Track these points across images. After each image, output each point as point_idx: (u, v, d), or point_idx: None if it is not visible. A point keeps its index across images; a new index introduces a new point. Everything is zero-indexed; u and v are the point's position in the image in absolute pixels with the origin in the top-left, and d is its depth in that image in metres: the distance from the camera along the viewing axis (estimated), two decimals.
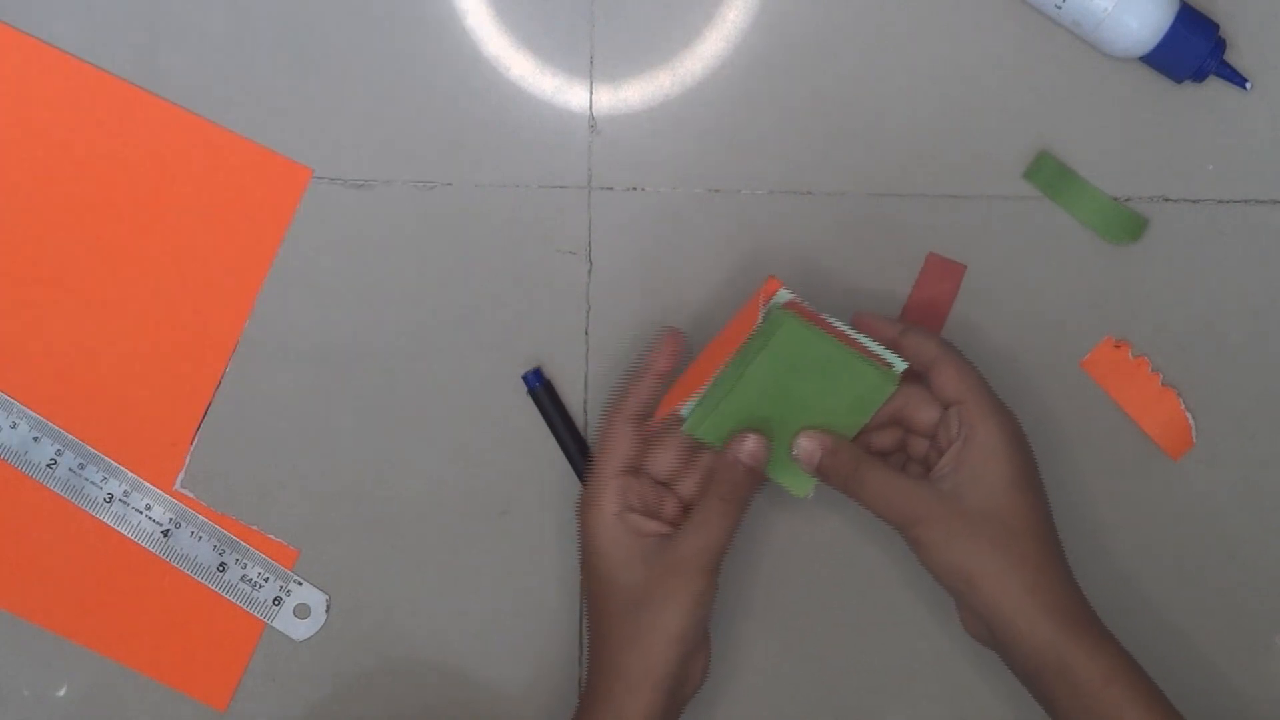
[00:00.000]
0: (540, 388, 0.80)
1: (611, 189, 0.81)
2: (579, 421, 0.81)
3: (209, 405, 0.80)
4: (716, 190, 0.81)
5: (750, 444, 0.72)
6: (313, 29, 0.80)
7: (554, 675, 0.82)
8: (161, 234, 0.80)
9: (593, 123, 0.80)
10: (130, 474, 0.80)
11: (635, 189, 0.81)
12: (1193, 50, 0.77)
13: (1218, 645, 0.82)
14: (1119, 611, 0.82)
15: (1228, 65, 0.78)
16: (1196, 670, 0.82)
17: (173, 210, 0.80)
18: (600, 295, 0.81)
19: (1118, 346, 0.81)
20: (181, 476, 0.80)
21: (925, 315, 0.80)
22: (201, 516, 0.80)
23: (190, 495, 0.80)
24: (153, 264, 0.80)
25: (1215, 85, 0.80)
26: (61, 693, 0.81)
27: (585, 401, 0.81)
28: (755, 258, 0.81)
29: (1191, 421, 0.81)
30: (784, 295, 0.72)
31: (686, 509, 0.76)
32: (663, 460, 0.76)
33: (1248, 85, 0.79)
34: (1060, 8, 0.77)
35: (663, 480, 0.76)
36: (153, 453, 0.80)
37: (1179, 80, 0.79)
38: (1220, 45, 0.77)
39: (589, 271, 0.81)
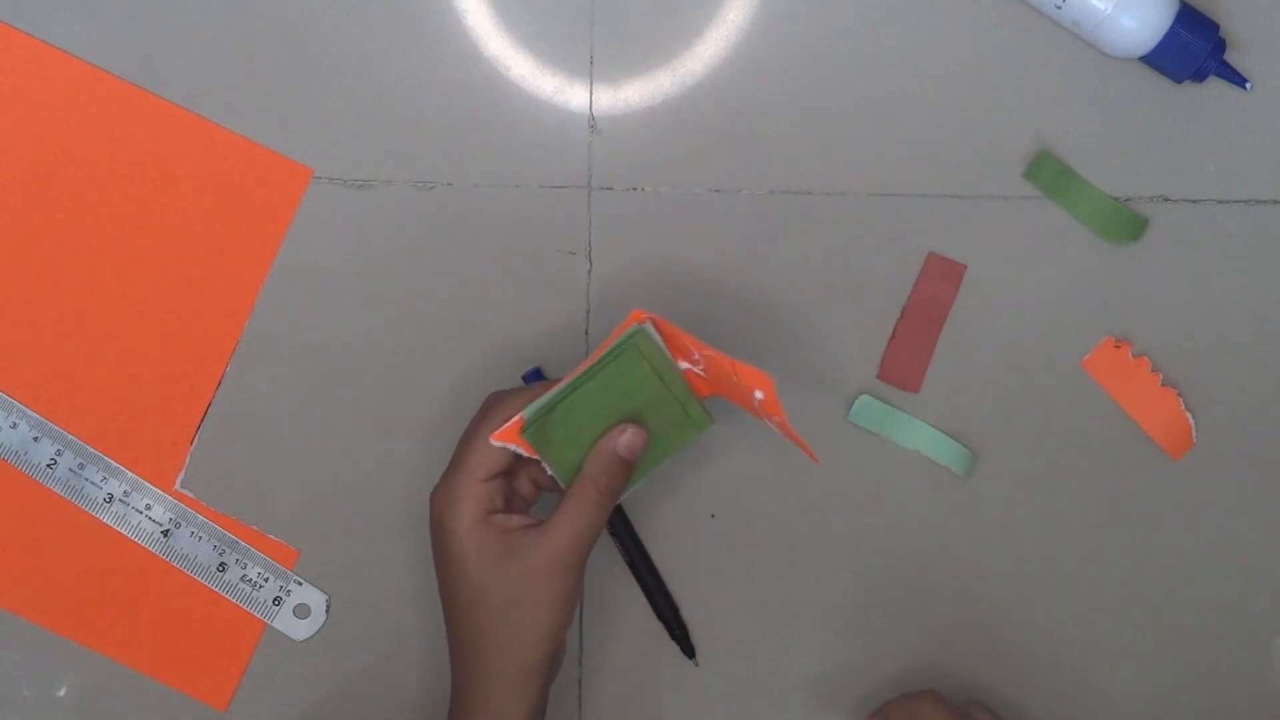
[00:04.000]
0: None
1: (611, 189, 0.81)
2: None
3: (209, 405, 0.80)
4: (716, 190, 0.81)
5: (629, 435, 0.72)
6: (313, 29, 0.80)
7: None
8: (162, 234, 0.80)
9: (593, 123, 0.80)
10: (130, 474, 0.80)
11: (635, 189, 0.81)
12: (1193, 50, 0.77)
13: (1218, 645, 0.82)
14: (1119, 611, 0.82)
15: (1228, 65, 0.78)
16: (1196, 670, 0.82)
17: (173, 210, 0.80)
18: (600, 295, 0.81)
19: (1118, 346, 0.81)
20: (182, 476, 0.80)
21: (925, 315, 0.80)
22: (201, 516, 0.80)
23: (190, 495, 0.80)
24: (153, 264, 0.80)
25: (1215, 85, 0.80)
26: (61, 693, 0.81)
27: None
28: (755, 258, 0.81)
29: (1191, 421, 0.81)
30: (647, 327, 0.72)
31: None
32: (528, 472, 0.74)
33: (1248, 85, 0.79)
34: (1060, 8, 0.77)
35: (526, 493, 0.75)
36: (153, 453, 0.80)
37: (1179, 80, 0.79)
38: (1220, 45, 0.77)
39: (589, 271, 0.81)
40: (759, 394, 0.70)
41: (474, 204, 0.80)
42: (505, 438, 0.71)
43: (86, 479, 0.80)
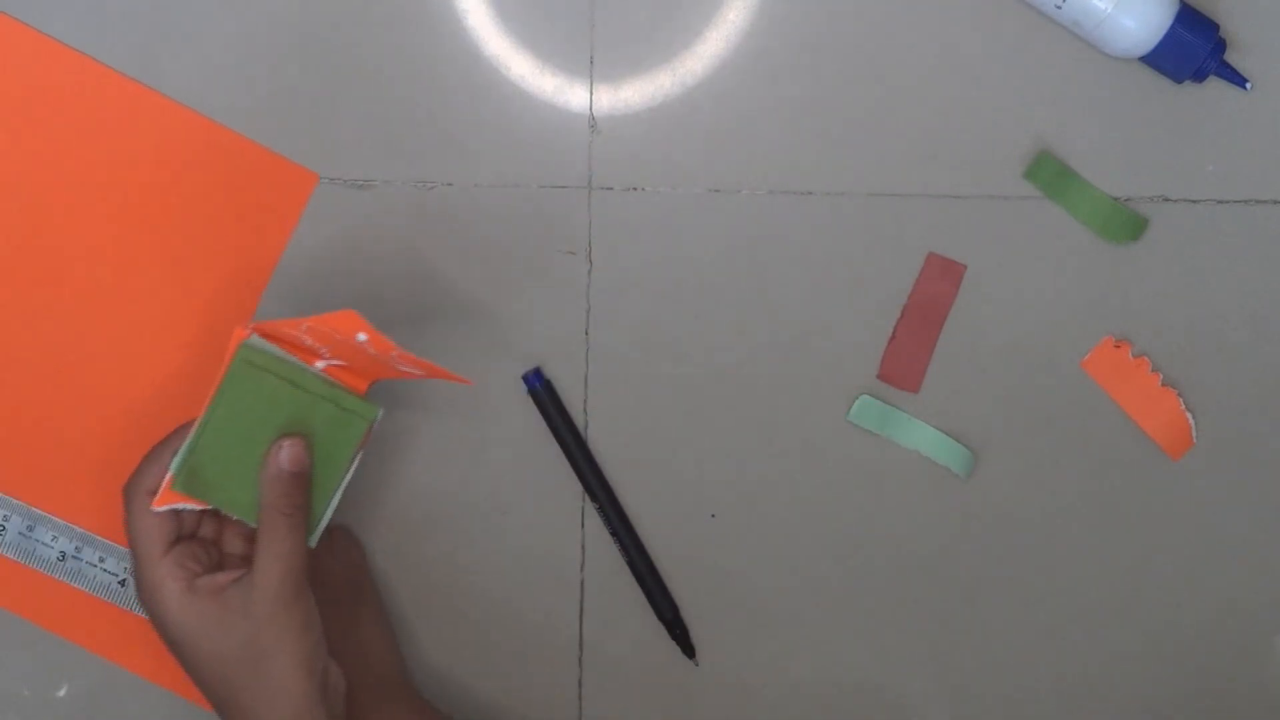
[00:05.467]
0: (540, 388, 0.80)
1: (611, 189, 0.81)
2: (579, 421, 0.81)
3: None
4: (716, 190, 0.81)
5: (286, 449, 0.70)
6: (314, 29, 0.80)
7: (553, 675, 0.82)
8: (165, 235, 0.80)
9: (593, 123, 0.80)
10: (78, 529, 0.79)
11: (635, 189, 0.81)
12: (1193, 50, 0.77)
13: (1218, 645, 0.82)
14: (1119, 611, 0.82)
15: (1228, 65, 0.78)
16: (1197, 670, 0.82)
17: (176, 211, 0.79)
18: (600, 295, 0.81)
19: (1118, 346, 0.81)
20: None
21: (925, 315, 0.80)
22: None
23: None
24: (154, 264, 0.80)
25: (1215, 85, 0.80)
26: (61, 693, 0.81)
27: (585, 401, 0.81)
28: (755, 258, 0.81)
29: (1191, 421, 0.81)
30: (252, 340, 0.70)
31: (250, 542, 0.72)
32: (205, 523, 0.73)
33: (1248, 85, 0.79)
34: (1060, 8, 0.77)
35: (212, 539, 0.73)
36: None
37: (1179, 80, 0.79)
38: (1220, 45, 0.77)
39: (589, 271, 0.81)
40: (361, 335, 0.67)
41: (474, 204, 0.80)
42: (166, 500, 0.70)
43: (37, 540, 0.79)
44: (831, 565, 0.82)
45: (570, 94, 0.80)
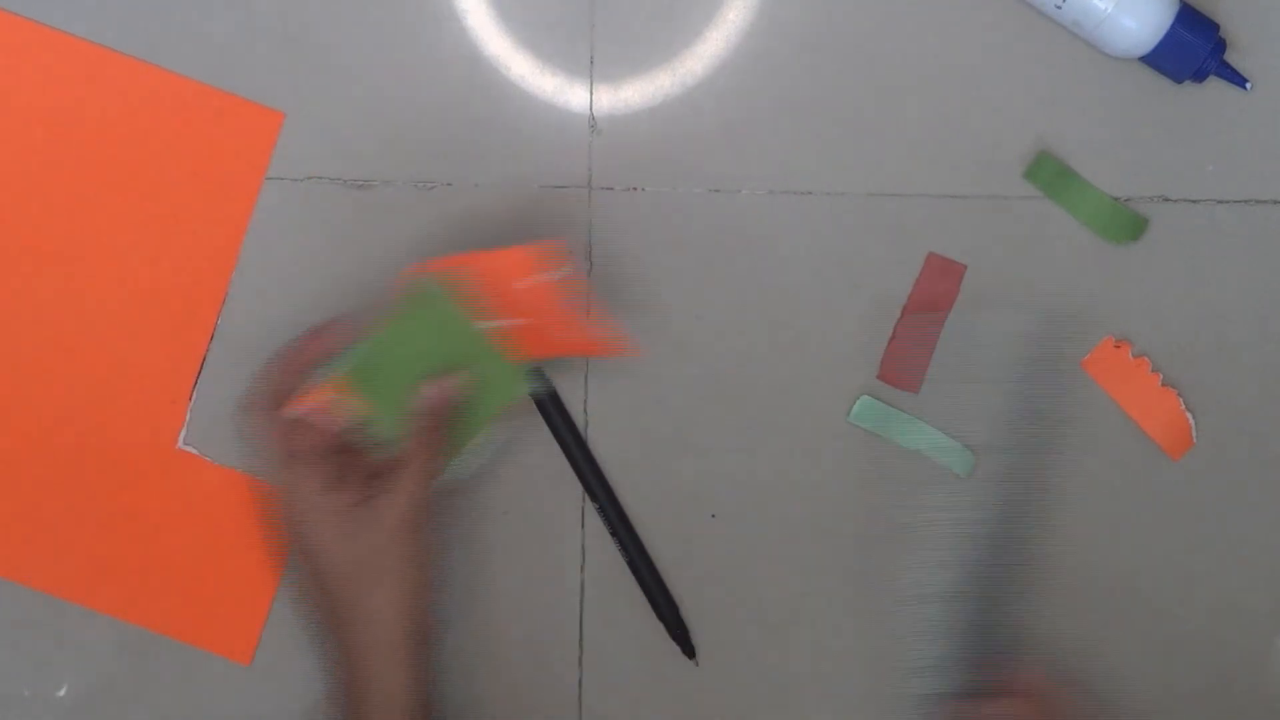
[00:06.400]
0: (541, 389, 0.80)
1: (611, 189, 0.81)
2: (579, 423, 0.81)
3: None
4: (716, 190, 0.81)
5: (443, 384, 0.73)
6: (313, 29, 0.80)
7: (554, 674, 0.82)
8: (142, 193, 0.79)
9: (593, 123, 0.80)
10: None
11: (635, 189, 0.81)
12: (1193, 51, 0.77)
13: (1218, 645, 0.82)
14: (1119, 611, 0.82)
15: (1228, 65, 0.78)
16: (1197, 670, 0.82)
17: (148, 168, 0.79)
18: (600, 295, 0.80)
19: (1118, 346, 0.81)
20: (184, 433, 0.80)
21: (925, 315, 0.80)
22: None
23: (194, 451, 0.80)
24: (127, 243, 0.80)
25: (1215, 85, 0.80)
26: (61, 693, 0.81)
27: (585, 402, 0.81)
28: (755, 258, 0.81)
29: (1191, 421, 0.81)
30: (436, 278, 0.72)
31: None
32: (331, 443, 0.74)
33: (1248, 85, 0.79)
34: (1060, 8, 0.77)
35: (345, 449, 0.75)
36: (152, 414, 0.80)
37: (1179, 80, 0.79)
38: (1220, 45, 0.78)
39: (589, 271, 0.81)
40: (541, 276, 0.70)
41: (474, 204, 0.80)
42: (312, 401, 0.72)
43: None
44: (831, 565, 0.82)
45: (570, 94, 0.80)
